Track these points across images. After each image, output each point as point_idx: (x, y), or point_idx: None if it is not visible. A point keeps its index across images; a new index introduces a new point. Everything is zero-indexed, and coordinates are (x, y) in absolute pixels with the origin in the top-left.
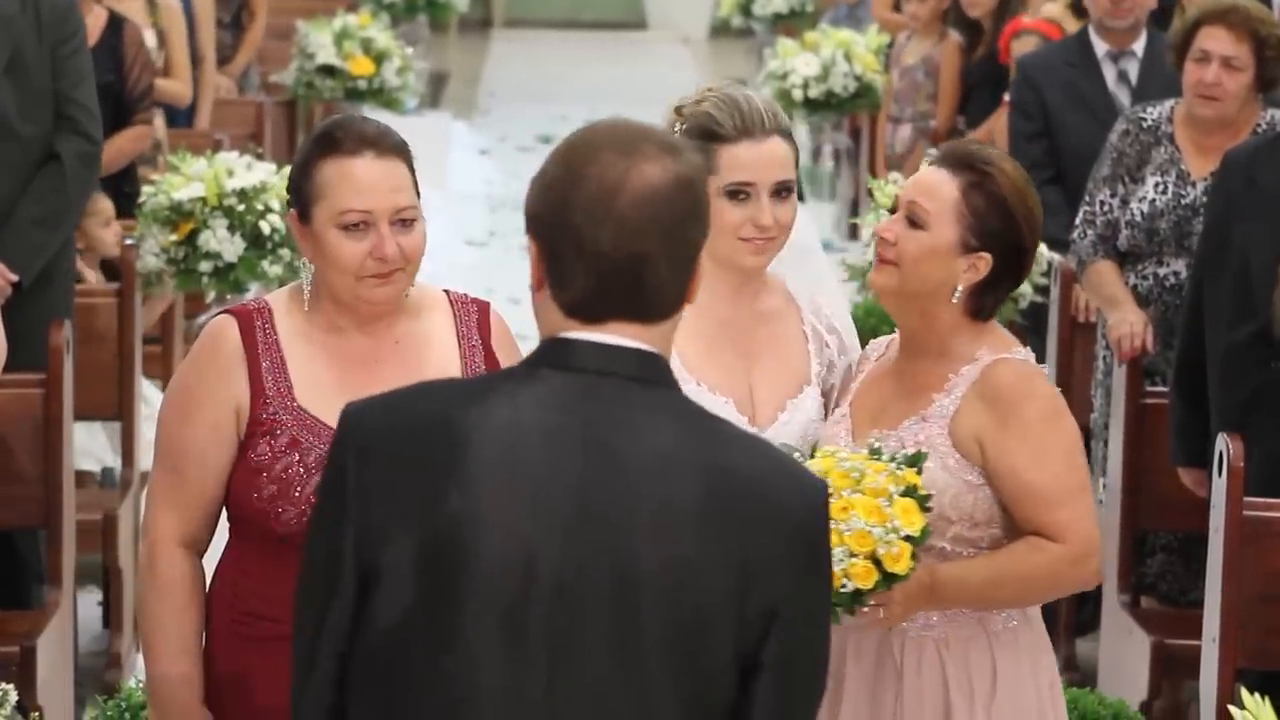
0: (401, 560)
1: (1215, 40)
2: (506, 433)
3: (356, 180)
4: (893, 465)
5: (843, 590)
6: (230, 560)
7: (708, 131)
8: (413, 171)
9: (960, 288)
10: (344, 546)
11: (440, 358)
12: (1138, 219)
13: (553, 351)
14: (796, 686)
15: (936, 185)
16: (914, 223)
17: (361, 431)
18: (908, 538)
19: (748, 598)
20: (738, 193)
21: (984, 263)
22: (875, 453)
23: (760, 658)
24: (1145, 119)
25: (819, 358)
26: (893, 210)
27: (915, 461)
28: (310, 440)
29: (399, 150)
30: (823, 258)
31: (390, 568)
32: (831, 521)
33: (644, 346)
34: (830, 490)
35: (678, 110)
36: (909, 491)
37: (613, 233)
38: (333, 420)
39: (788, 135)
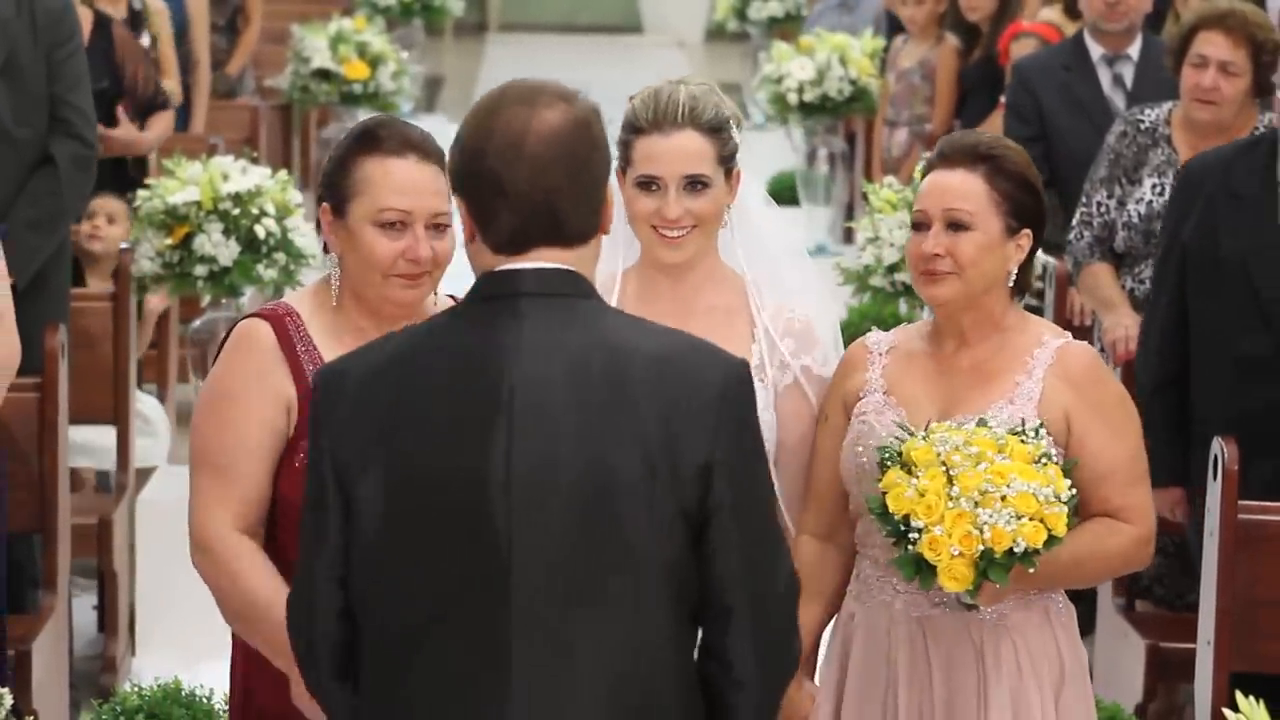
0: (372, 487)
1: (1213, 45)
2: (451, 361)
3: (398, 180)
4: (1028, 436)
5: (1014, 551)
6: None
7: (629, 124)
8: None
9: (1013, 270)
10: (327, 479)
11: None
12: (1135, 221)
13: (485, 283)
14: (750, 525)
15: (965, 184)
16: (956, 227)
17: (331, 388)
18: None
19: (681, 457)
20: (648, 184)
21: (1026, 239)
22: (983, 423)
23: (708, 508)
24: (1142, 121)
25: (767, 358)
26: (916, 227)
27: (1037, 432)
28: None
29: (439, 157)
30: (806, 264)
31: (364, 496)
32: (991, 486)
33: (565, 265)
34: (979, 455)
35: (630, 100)
36: (1046, 458)
37: (525, 172)
38: None
39: (709, 129)
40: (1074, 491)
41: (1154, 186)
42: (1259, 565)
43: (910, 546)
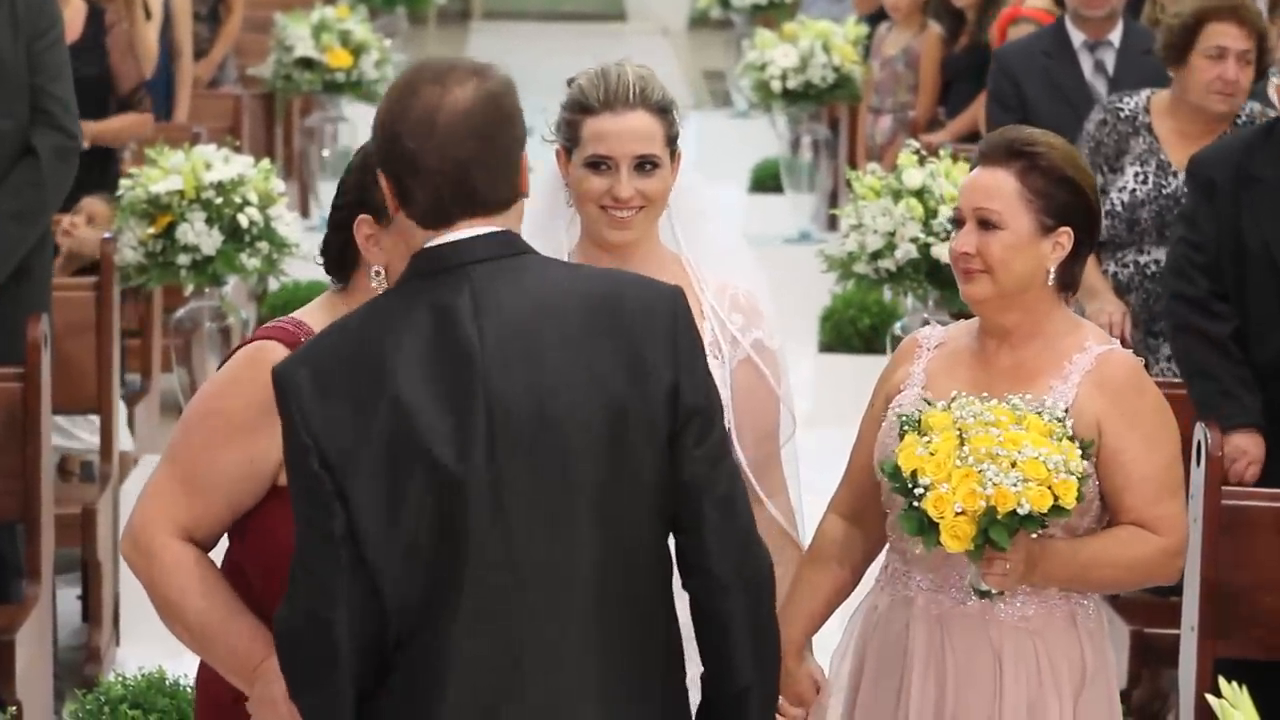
0: (364, 471)
1: (1229, 36)
2: (414, 332)
3: None
4: (1047, 415)
5: (1019, 513)
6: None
7: (576, 104)
8: None
9: (1052, 269)
10: (319, 475)
11: None
12: (1118, 209)
13: (420, 261)
14: (711, 435)
15: (995, 182)
16: (986, 226)
17: (294, 384)
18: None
19: (648, 382)
20: (599, 164)
21: (1066, 237)
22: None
23: (678, 422)
24: (1122, 109)
25: (719, 335)
26: (956, 224)
27: (1061, 420)
28: None
29: None
30: (740, 240)
31: (357, 483)
32: (1001, 450)
33: (492, 229)
34: (994, 422)
35: (568, 83)
36: (1063, 435)
37: (438, 148)
38: None
39: (658, 110)
40: (1088, 467)
41: (1136, 174)
42: (1242, 551)
43: (916, 503)
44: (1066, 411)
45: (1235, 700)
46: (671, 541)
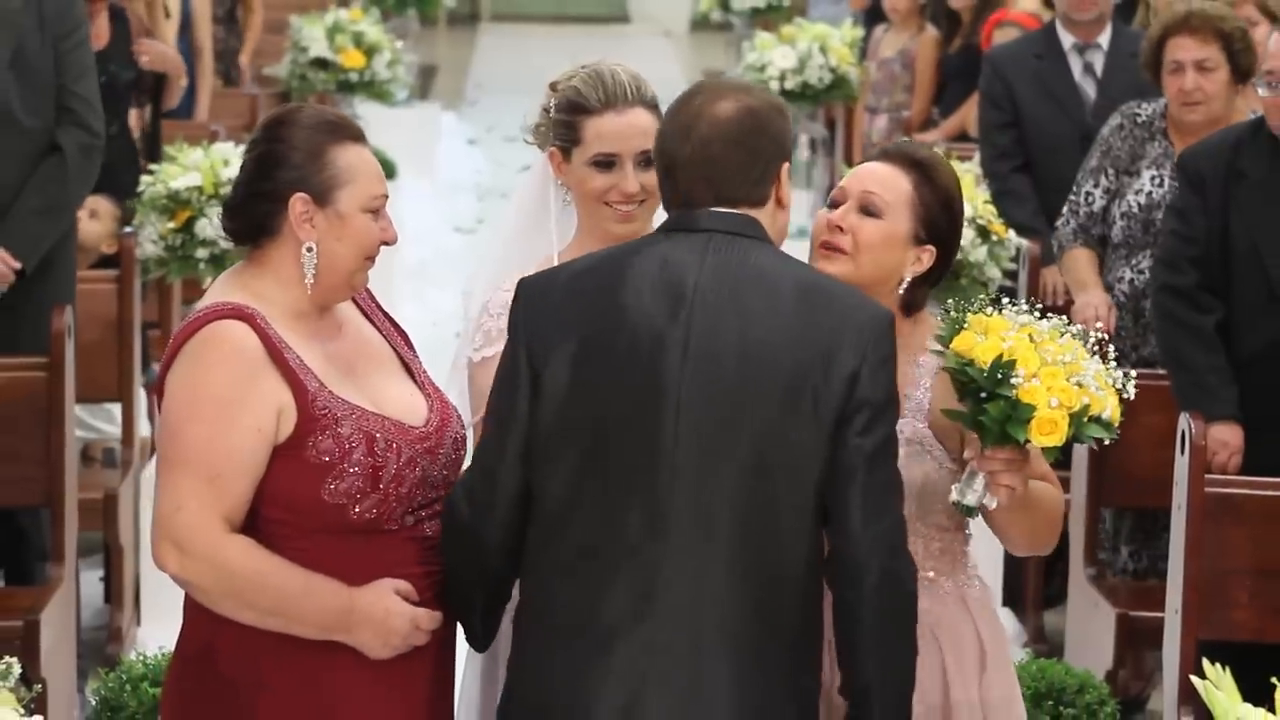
0: (561, 358)
1: (1183, 49)
2: (650, 265)
3: (376, 167)
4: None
5: (1102, 419)
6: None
7: (575, 105)
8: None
9: (906, 279)
10: (520, 365)
11: (362, 329)
12: (1134, 210)
13: (677, 219)
14: (881, 422)
15: (890, 177)
16: (868, 212)
17: (528, 288)
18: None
19: (832, 364)
20: (605, 162)
21: (929, 255)
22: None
23: (847, 410)
24: (1139, 115)
25: None
26: (830, 206)
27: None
28: (374, 426)
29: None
30: None
31: (553, 369)
32: (1072, 357)
33: (744, 211)
34: (1056, 331)
35: (552, 86)
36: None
37: (691, 150)
38: (371, 404)
39: (652, 107)
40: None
41: (1153, 178)
42: (1225, 537)
43: (1009, 392)
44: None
45: (1218, 681)
46: None
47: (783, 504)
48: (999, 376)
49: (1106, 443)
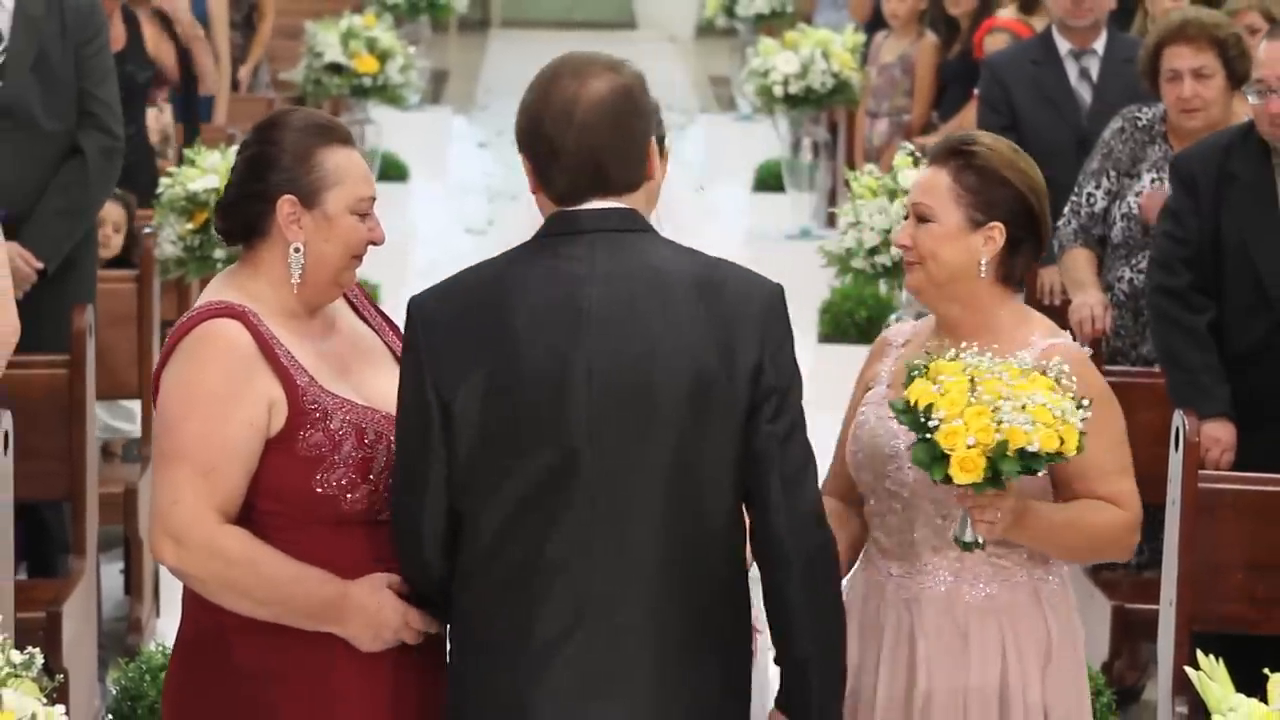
0: (471, 393)
1: (1180, 58)
2: (539, 281)
3: (364, 168)
4: (1051, 372)
5: (1028, 450)
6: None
7: None
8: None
9: (984, 261)
10: (427, 395)
11: (355, 325)
12: (1134, 211)
13: (555, 222)
14: (788, 404)
15: (931, 179)
16: (924, 219)
17: (425, 313)
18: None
19: (734, 361)
20: None
21: (998, 232)
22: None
23: (754, 400)
24: (1140, 119)
25: None
26: (906, 217)
27: (1061, 378)
28: (363, 419)
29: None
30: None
31: (462, 402)
32: (1011, 394)
33: (621, 205)
34: (1002, 372)
35: None
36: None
37: (575, 136)
38: (361, 399)
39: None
40: (1085, 414)
41: (1152, 180)
42: (1218, 531)
43: (929, 434)
44: (1065, 368)
45: (1212, 671)
46: None
47: (705, 505)
48: (922, 420)
49: (1039, 474)
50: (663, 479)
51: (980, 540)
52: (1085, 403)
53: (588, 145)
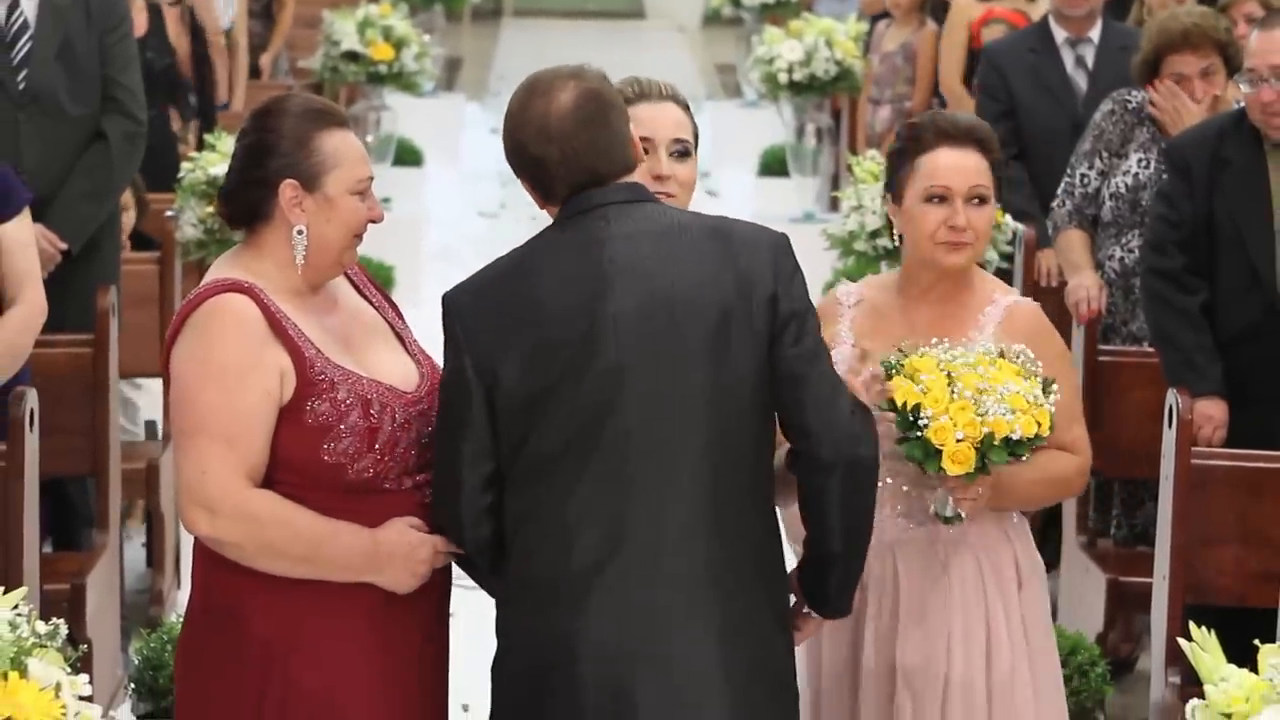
0: (511, 367)
1: (1187, 64)
2: (559, 256)
3: (361, 150)
4: (1014, 357)
5: (1012, 439)
6: None
7: None
8: None
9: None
10: (468, 377)
11: (356, 302)
12: (1122, 190)
13: (571, 205)
14: (807, 329)
15: (976, 163)
16: (978, 201)
17: (458, 305)
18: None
19: (752, 293)
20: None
21: (997, 209)
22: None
23: (775, 328)
24: (1130, 101)
25: None
26: (930, 199)
27: (1019, 355)
28: (369, 391)
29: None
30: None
31: (505, 377)
32: (987, 385)
33: (626, 179)
34: (976, 362)
35: None
36: (1029, 373)
37: (558, 148)
38: (366, 372)
39: (685, 107)
40: (1055, 398)
41: (1140, 160)
42: (1210, 506)
43: (919, 433)
44: (1024, 349)
45: (1204, 643)
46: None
47: (743, 432)
48: (911, 420)
49: (1024, 458)
50: (699, 411)
51: (962, 514)
52: (1054, 387)
53: (572, 152)
